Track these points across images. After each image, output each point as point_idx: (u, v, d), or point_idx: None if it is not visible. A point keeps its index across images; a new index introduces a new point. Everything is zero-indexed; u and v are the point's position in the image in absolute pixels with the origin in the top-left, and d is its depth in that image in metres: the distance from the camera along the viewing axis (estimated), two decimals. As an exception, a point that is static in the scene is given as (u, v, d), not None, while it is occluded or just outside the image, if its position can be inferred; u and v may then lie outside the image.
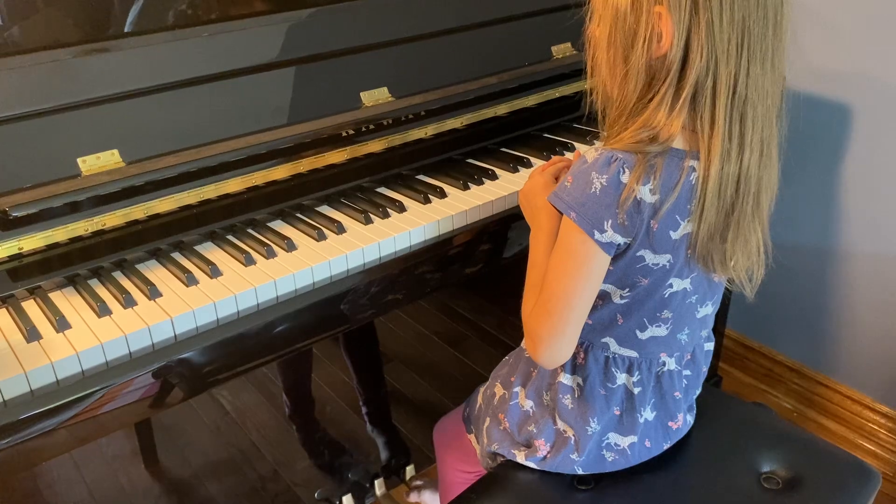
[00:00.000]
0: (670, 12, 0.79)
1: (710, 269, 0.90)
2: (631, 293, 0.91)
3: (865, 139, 1.58)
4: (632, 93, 0.84)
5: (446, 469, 1.28)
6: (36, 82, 0.95)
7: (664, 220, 0.84)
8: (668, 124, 0.83)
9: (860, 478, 1.02)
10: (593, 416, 0.98)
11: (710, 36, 0.78)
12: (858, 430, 1.77)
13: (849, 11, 1.52)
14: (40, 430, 0.81)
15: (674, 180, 0.83)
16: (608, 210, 0.83)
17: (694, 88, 0.81)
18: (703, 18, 0.78)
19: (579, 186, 0.85)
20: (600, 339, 0.97)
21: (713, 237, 0.86)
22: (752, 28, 0.79)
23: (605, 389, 0.98)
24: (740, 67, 0.80)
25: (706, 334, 1.04)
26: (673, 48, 0.80)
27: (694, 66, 0.79)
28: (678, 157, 0.84)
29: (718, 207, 0.84)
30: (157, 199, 0.99)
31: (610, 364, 0.97)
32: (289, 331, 0.96)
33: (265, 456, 1.53)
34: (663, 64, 0.81)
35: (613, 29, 0.84)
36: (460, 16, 1.29)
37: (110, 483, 1.36)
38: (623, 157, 0.83)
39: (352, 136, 1.14)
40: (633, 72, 0.83)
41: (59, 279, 0.95)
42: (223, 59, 1.07)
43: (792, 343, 1.87)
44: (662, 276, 0.89)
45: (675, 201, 0.84)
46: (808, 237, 1.73)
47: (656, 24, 0.80)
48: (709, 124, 0.82)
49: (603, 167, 0.83)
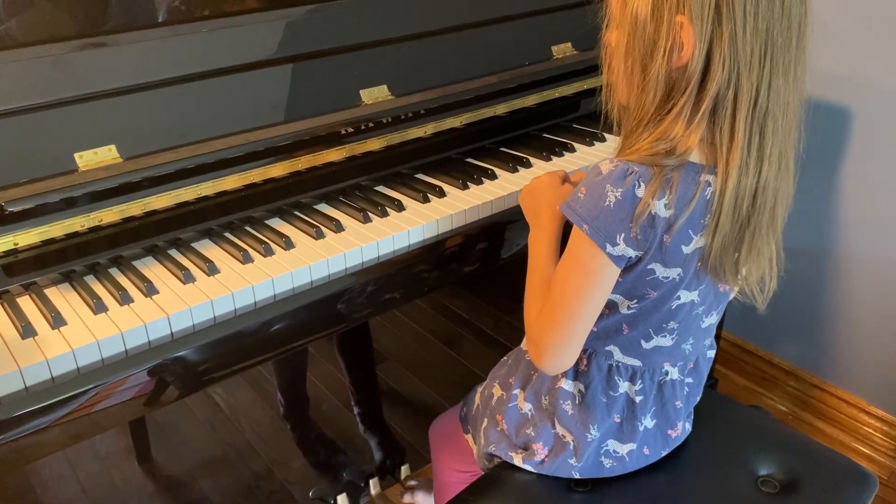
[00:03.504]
0: (692, 22, 0.77)
1: (722, 280, 0.89)
2: (639, 304, 0.90)
3: (864, 142, 1.58)
4: (650, 103, 0.82)
5: (442, 469, 1.27)
6: (33, 77, 0.94)
7: (677, 235, 0.83)
8: (686, 136, 0.80)
9: (857, 482, 1.02)
10: (593, 423, 0.97)
11: (734, 47, 0.76)
12: (854, 434, 1.78)
13: (847, 15, 1.52)
14: (34, 427, 0.80)
15: (689, 195, 0.81)
16: (622, 224, 0.81)
17: (714, 100, 0.79)
18: (726, 29, 0.76)
19: (593, 199, 0.83)
20: (604, 347, 0.96)
21: (727, 249, 0.85)
22: (776, 39, 0.77)
23: (607, 397, 0.97)
24: (762, 79, 0.78)
25: (709, 342, 1.03)
26: (694, 59, 0.78)
27: (715, 78, 0.77)
28: (694, 171, 0.82)
29: (734, 220, 0.83)
30: (155, 195, 0.98)
31: (613, 372, 0.96)
32: (286, 329, 0.96)
33: (260, 454, 1.52)
34: (683, 74, 0.79)
35: (632, 37, 0.82)
36: (461, 14, 1.29)
37: (104, 480, 1.35)
38: (639, 170, 0.81)
39: (351, 134, 1.13)
40: (651, 82, 0.81)
41: (54, 275, 0.95)
42: (222, 55, 1.07)
43: (788, 346, 1.87)
44: (671, 288, 0.88)
45: (689, 216, 0.82)
46: (805, 240, 1.73)
47: (678, 33, 0.78)
48: (728, 137, 0.80)
49: (618, 180, 0.81)
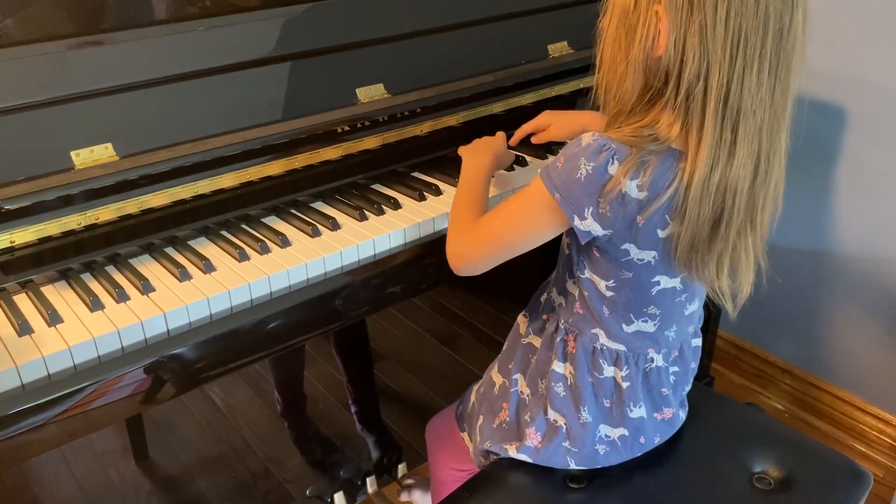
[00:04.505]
0: (668, 12, 0.78)
1: (694, 277, 0.90)
2: (615, 285, 0.92)
3: (859, 140, 1.59)
4: (630, 91, 0.84)
5: (438, 467, 1.28)
6: (30, 74, 0.94)
7: (651, 218, 0.84)
8: (669, 126, 0.82)
9: (852, 479, 1.02)
10: (583, 404, 0.98)
11: (703, 39, 0.77)
12: (849, 431, 1.78)
13: (843, 13, 1.52)
14: (31, 424, 0.80)
15: (666, 179, 0.83)
16: (590, 198, 0.84)
17: (687, 92, 0.80)
18: (696, 20, 0.77)
19: (567, 169, 0.85)
20: (589, 330, 0.97)
21: (696, 247, 0.85)
22: (749, 36, 0.77)
23: (593, 378, 0.99)
24: (733, 75, 0.78)
25: (692, 330, 1.04)
26: (668, 49, 0.79)
27: (687, 69, 0.78)
28: (674, 156, 0.83)
29: (700, 216, 0.83)
30: (151, 193, 0.98)
31: (598, 355, 0.98)
32: (282, 327, 0.96)
33: (257, 453, 1.52)
34: (659, 65, 0.81)
35: (619, 24, 0.84)
36: (457, 13, 1.29)
37: (100, 478, 1.35)
38: (616, 147, 0.82)
39: (347, 132, 1.14)
40: (631, 69, 0.83)
41: (51, 273, 0.95)
42: (219, 53, 1.07)
43: (784, 344, 1.88)
44: (648, 272, 0.90)
45: (666, 201, 0.83)
46: (800, 239, 1.73)
47: (654, 23, 0.80)
48: (697, 130, 0.81)
49: (593, 154, 0.83)
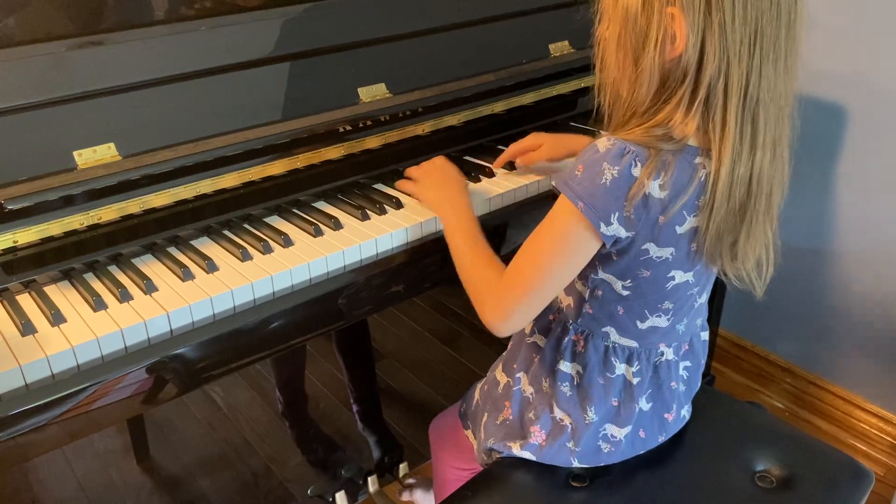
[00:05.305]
0: (684, 13, 0.78)
1: (718, 266, 0.91)
2: (632, 284, 0.91)
3: (859, 139, 1.59)
4: (644, 95, 0.84)
5: (441, 466, 1.28)
6: (32, 74, 0.94)
7: (672, 216, 0.84)
8: (684, 125, 0.83)
9: (854, 477, 1.02)
10: (591, 405, 0.98)
11: (723, 37, 0.77)
12: (850, 430, 1.78)
13: (843, 12, 1.52)
14: (34, 424, 0.80)
15: (685, 177, 0.83)
16: (617, 202, 0.83)
17: (707, 90, 0.80)
18: (715, 19, 0.77)
19: (589, 176, 0.83)
20: (601, 329, 0.97)
21: (721, 236, 0.86)
22: (765, 28, 0.78)
23: (604, 379, 0.98)
24: (752, 68, 0.79)
25: (700, 323, 1.04)
26: (688, 50, 0.79)
27: (708, 68, 0.78)
28: (691, 154, 0.83)
29: (728, 208, 0.84)
30: (153, 193, 0.98)
31: (609, 353, 0.97)
32: (285, 327, 0.96)
33: (258, 452, 1.53)
34: (678, 66, 0.81)
35: (624, 30, 0.83)
36: (459, 13, 1.29)
37: (101, 478, 1.36)
38: (636, 150, 0.82)
39: (349, 132, 1.14)
40: (645, 74, 0.82)
41: (54, 273, 0.95)
42: (220, 53, 1.07)
43: (785, 343, 1.88)
44: (665, 268, 0.90)
45: (688, 198, 0.83)
46: (801, 237, 1.74)
47: (669, 25, 0.79)
48: (720, 126, 0.81)
49: (615, 158, 0.82)
